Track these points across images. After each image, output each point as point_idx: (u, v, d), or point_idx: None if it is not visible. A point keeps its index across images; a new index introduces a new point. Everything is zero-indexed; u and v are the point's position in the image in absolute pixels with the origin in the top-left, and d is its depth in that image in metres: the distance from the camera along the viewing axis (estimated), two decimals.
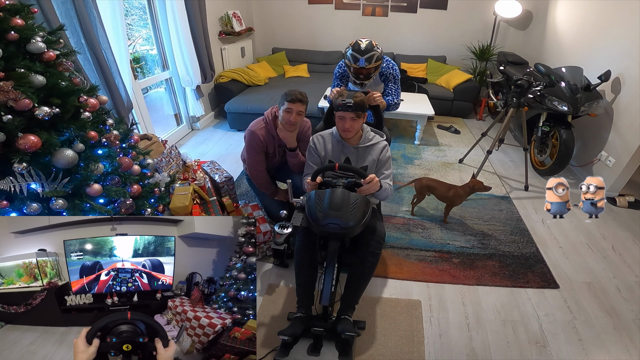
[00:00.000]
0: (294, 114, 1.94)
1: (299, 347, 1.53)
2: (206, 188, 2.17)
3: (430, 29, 5.01)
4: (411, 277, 2.06)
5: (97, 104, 1.36)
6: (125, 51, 2.56)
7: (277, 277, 2.05)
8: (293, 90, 1.95)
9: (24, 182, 1.10)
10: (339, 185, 1.60)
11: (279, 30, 5.35)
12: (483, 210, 2.72)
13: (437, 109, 4.04)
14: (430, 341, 1.69)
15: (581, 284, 2.06)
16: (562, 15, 3.82)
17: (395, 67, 2.29)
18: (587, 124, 3.16)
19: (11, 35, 1.11)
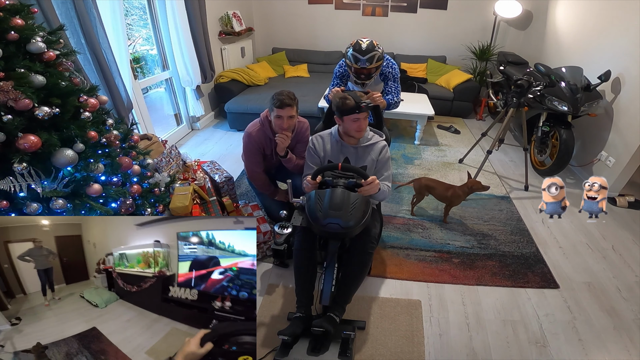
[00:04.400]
0: (285, 120, 1.89)
1: (299, 347, 1.53)
2: (206, 188, 2.17)
3: (430, 29, 5.01)
4: (411, 277, 2.06)
5: (97, 104, 1.36)
6: (125, 51, 2.56)
7: (277, 277, 2.05)
8: (280, 94, 1.85)
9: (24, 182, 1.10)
10: (339, 185, 1.60)
11: (279, 30, 5.35)
12: (483, 210, 2.72)
13: (437, 109, 4.04)
14: (430, 341, 1.69)
15: (581, 284, 2.06)
16: (562, 15, 3.82)
17: (395, 66, 2.29)
18: (587, 124, 3.16)
19: (11, 35, 1.11)
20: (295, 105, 1.91)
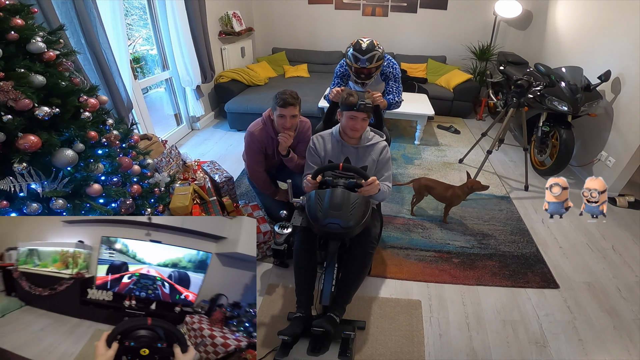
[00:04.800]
0: (288, 119, 1.90)
1: (299, 347, 1.53)
2: (206, 188, 2.17)
3: (430, 29, 5.00)
4: (411, 277, 2.06)
5: (97, 104, 1.36)
6: (125, 51, 2.56)
7: (277, 277, 2.05)
8: (283, 93, 1.86)
9: (24, 182, 1.10)
10: (339, 185, 1.60)
11: (279, 30, 5.35)
12: (483, 210, 2.72)
13: (437, 109, 4.04)
14: (430, 341, 1.69)
15: (581, 284, 2.06)
16: (562, 15, 3.82)
17: (396, 66, 2.29)
18: (587, 124, 3.16)
19: (11, 35, 1.11)
20: (298, 105, 1.92)
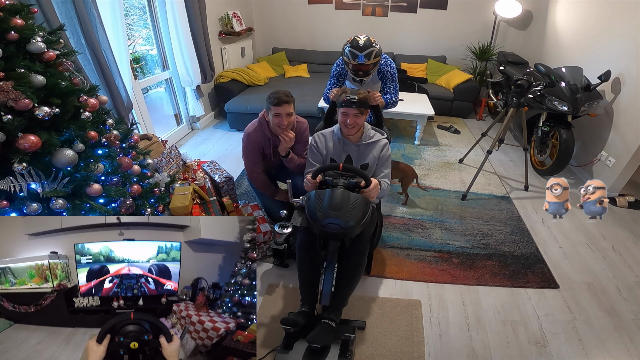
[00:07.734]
0: (284, 117, 1.90)
1: (299, 347, 1.52)
2: (206, 188, 2.17)
3: (430, 29, 5.00)
4: (411, 277, 2.06)
5: (97, 104, 1.36)
6: (125, 51, 2.56)
7: (277, 277, 2.04)
8: (276, 93, 1.87)
9: (24, 182, 1.10)
10: (338, 185, 1.60)
11: (279, 30, 5.35)
12: (483, 210, 2.72)
13: (437, 109, 4.04)
14: (430, 341, 1.69)
15: (581, 284, 2.06)
16: (562, 15, 3.81)
17: (392, 65, 2.29)
18: (587, 124, 3.16)
19: (11, 35, 1.11)
20: (293, 103, 1.93)
